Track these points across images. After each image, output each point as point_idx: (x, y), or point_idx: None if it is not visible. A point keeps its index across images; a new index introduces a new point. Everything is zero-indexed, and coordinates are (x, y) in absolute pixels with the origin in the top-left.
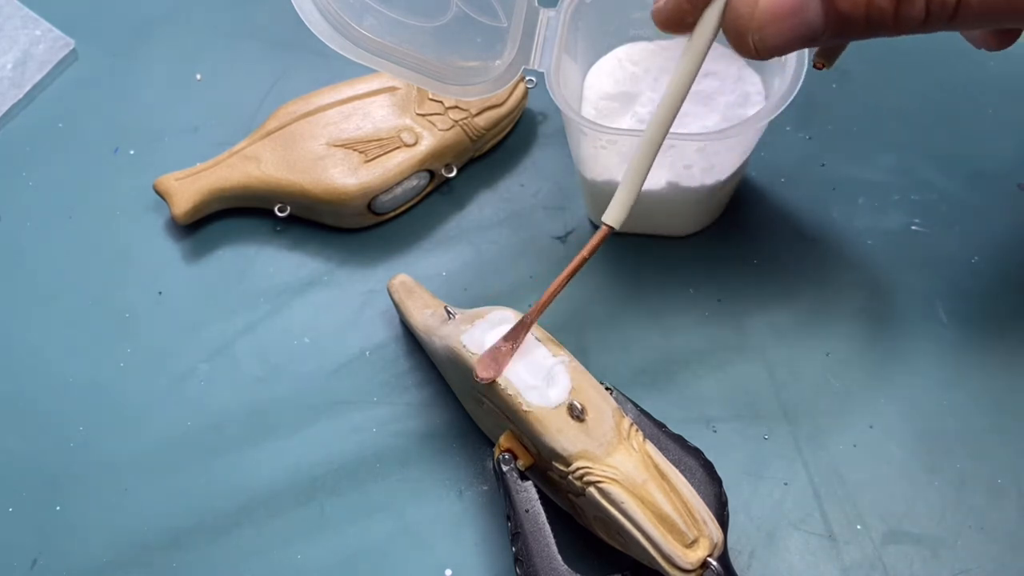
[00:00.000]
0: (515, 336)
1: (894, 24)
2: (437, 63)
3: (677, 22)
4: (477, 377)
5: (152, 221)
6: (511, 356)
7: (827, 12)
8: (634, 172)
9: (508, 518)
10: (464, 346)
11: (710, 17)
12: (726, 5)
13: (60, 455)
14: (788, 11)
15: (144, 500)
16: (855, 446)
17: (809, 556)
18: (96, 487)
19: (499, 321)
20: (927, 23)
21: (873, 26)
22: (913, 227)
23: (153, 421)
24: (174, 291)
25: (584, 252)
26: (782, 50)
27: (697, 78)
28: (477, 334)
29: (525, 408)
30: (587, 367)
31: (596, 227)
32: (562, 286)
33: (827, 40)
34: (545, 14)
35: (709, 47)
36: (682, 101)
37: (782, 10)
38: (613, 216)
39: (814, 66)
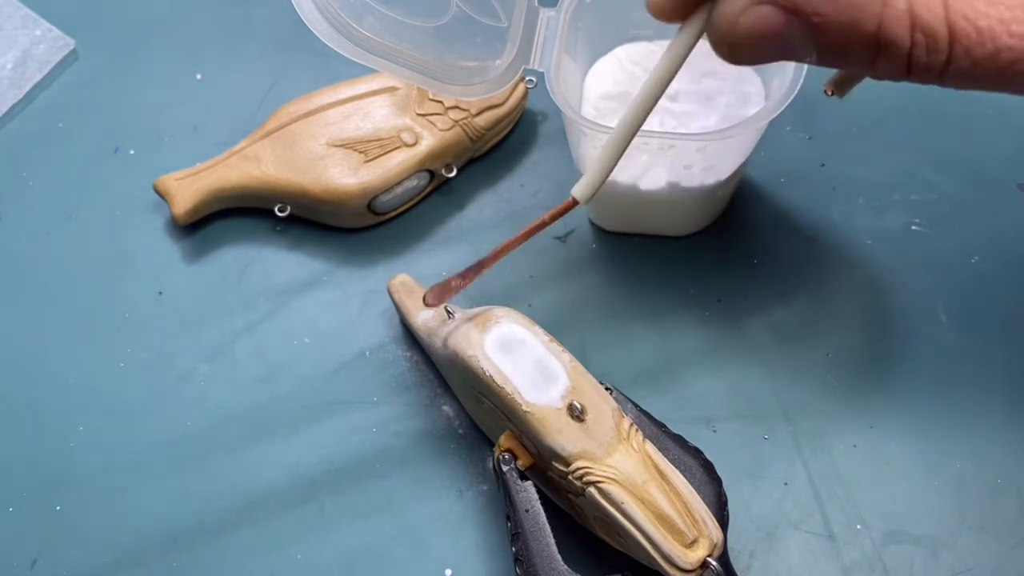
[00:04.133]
0: (468, 274)
1: (872, 71)
2: (437, 63)
3: (669, 15)
4: (424, 301)
5: (152, 221)
6: (458, 292)
7: (810, 43)
8: (606, 155)
9: (508, 518)
10: (474, 355)
11: (696, 20)
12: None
13: (60, 455)
14: (770, 34)
15: (144, 500)
16: (855, 446)
17: (809, 556)
18: (96, 487)
19: (508, 335)
20: (912, 77)
21: (852, 67)
22: (913, 227)
23: (153, 421)
24: (174, 291)
25: (545, 217)
26: (762, 63)
27: (697, 78)
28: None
29: (525, 408)
30: (587, 367)
31: (596, 227)
32: (516, 244)
33: (813, 63)
34: (545, 14)
35: (693, 46)
36: (661, 91)
37: (763, 33)
38: (580, 191)
39: (824, 92)
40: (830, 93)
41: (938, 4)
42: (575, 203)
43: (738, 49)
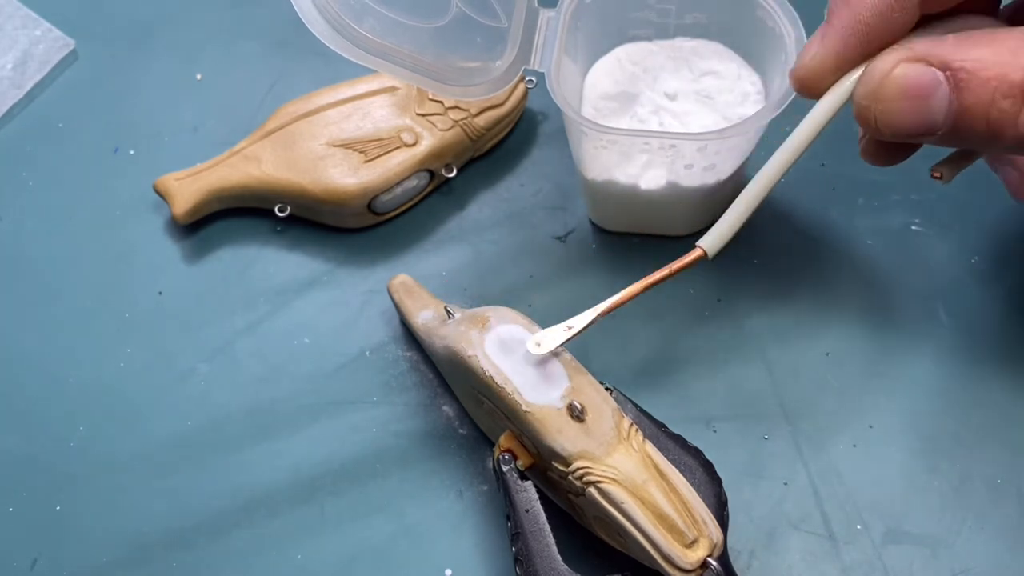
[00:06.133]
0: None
1: (1015, 129)
2: (437, 64)
3: (814, 84)
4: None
5: (152, 221)
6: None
7: (951, 103)
8: (737, 210)
9: (508, 518)
10: (476, 356)
11: (845, 84)
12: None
13: (60, 455)
14: (916, 91)
15: (144, 500)
16: (855, 446)
17: (809, 556)
18: (96, 487)
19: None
20: None
21: (993, 129)
22: (913, 227)
23: (153, 421)
24: (174, 291)
25: (667, 270)
26: (900, 132)
27: (697, 77)
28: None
29: (525, 408)
30: (587, 367)
31: (596, 227)
32: (637, 294)
33: (941, 139)
34: (545, 14)
35: (835, 112)
36: (798, 157)
37: (911, 89)
38: (709, 242)
39: (931, 175)
40: (937, 175)
41: None
42: (704, 255)
43: (884, 104)
